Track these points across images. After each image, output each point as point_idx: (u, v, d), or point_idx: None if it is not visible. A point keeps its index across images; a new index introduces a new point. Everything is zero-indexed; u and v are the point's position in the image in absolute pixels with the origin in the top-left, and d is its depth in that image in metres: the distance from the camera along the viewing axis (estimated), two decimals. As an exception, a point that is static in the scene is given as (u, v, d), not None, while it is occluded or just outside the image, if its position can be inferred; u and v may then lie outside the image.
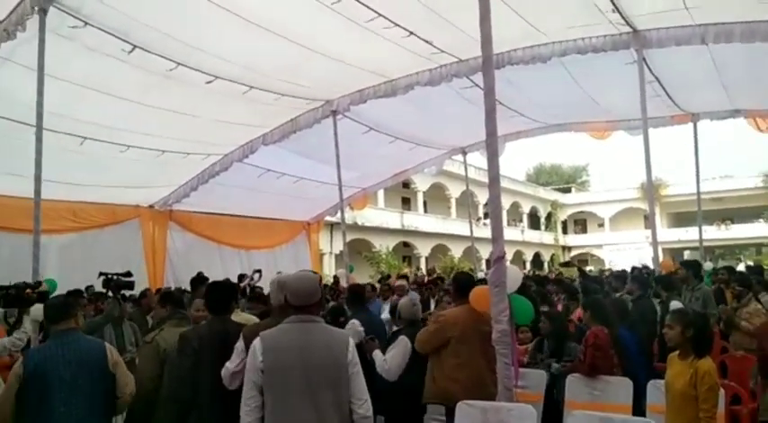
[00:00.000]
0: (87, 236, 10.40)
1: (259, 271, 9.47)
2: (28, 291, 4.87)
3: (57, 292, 5.44)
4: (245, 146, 10.34)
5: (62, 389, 3.31)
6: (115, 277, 5.62)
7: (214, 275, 7.10)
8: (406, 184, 30.68)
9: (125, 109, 7.85)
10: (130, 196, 11.02)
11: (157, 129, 8.71)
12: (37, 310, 4.65)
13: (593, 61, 8.06)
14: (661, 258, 8.94)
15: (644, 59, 7.90)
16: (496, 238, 3.74)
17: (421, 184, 31.72)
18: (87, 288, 7.88)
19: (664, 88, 9.59)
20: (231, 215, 13.03)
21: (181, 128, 8.87)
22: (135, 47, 6.57)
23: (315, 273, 3.58)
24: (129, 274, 5.83)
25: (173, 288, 8.38)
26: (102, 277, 5.67)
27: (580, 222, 49.78)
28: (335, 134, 9.67)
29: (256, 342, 2.91)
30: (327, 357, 2.91)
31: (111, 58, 6.64)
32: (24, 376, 3.29)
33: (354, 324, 4.75)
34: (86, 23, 6.05)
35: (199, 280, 6.93)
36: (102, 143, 8.52)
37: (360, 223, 25.37)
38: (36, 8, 5.57)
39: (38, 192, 6.03)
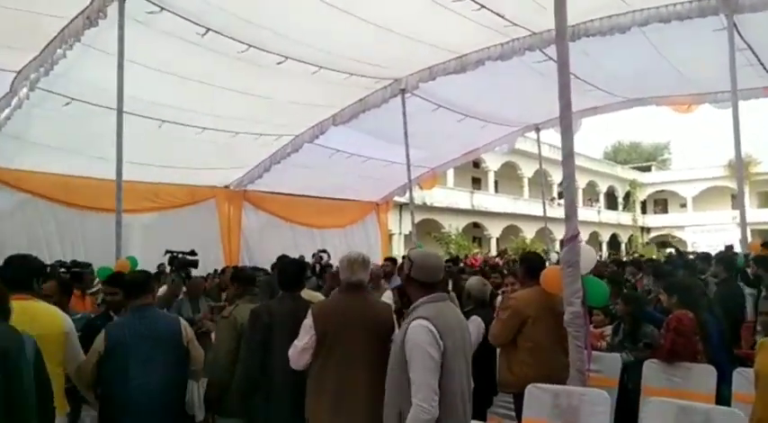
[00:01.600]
0: (167, 215, 10.86)
1: (324, 251, 9.58)
2: (62, 270, 5.02)
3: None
4: (316, 126, 10.44)
5: (139, 361, 3.49)
6: (180, 255, 5.79)
7: (288, 254, 7.24)
8: (476, 164, 30.21)
9: (200, 91, 8.08)
10: (207, 177, 11.40)
11: (231, 111, 8.93)
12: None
13: (678, 29, 7.56)
14: (750, 240, 8.38)
15: (734, 25, 7.35)
16: (570, 216, 3.59)
17: (492, 163, 31.15)
18: (159, 266, 8.20)
19: (757, 56, 8.91)
20: (303, 196, 13.26)
21: (253, 109, 9.05)
22: (208, 30, 6.72)
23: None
24: (193, 252, 5.99)
25: (248, 266, 8.64)
26: (168, 255, 5.86)
27: (660, 202, 47.55)
28: (404, 113, 9.60)
29: (430, 326, 2.68)
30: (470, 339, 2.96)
31: (185, 42, 6.83)
32: (106, 348, 3.49)
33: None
34: (162, 8, 6.24)
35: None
36: (178, 126, 8.83)
37: (429, 203, 25.25)
38: (115, -5, 5.78)
39: (119, 173, 6.32)
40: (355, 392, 3.24)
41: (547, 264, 5.56)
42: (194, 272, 6.26)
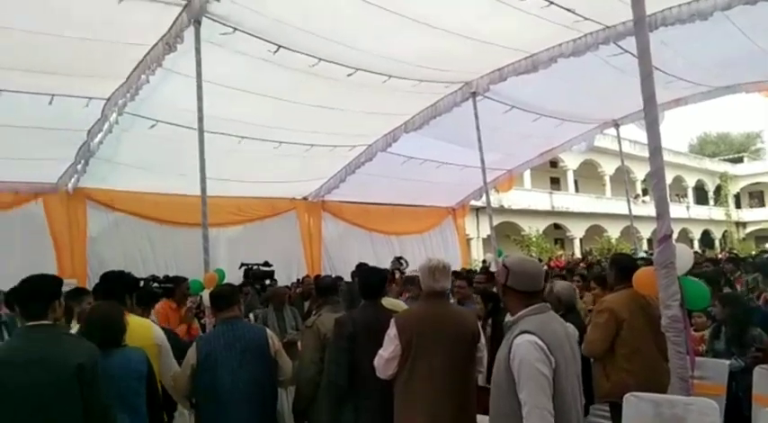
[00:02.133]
0: (250, 228, 11.22)
1: (401, 258, 9.57)
2: (155, 285, 5.18)
3: (226, 281, 5.87)
4: (388, 135, 10.48)
5: (229, 372, 3.59)
6: (254, 267, 5.93)
7: (367, 261, 7.28)
8: (553, 164, 29.42)
9: (275, 107, 8.29)
10: (286, 189, 11.68)
11: (305, 124, 9.10)
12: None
13: (766, 9, 7.04)
14: None
15: (835, 0, 6.77)
16: (661, 214, 3.38)
17: (570, 162, 30.23)
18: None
19: None
20: (379, 203, 13.34)
21: (327, 122, 9.19)
22: (279, 47, 6.87)
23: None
24: (267, 264, 6.10)
25: (330, 275, 8.78)
26: (244, 268, 6.01)
27: (756, 195, 44.51)
28: (476, 116, 9.45)
29: (538, 341, 2.47)
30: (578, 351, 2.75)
31: (258, 60, 7.02)
32: (198, 360, 3.61)
33: None
34: (235, 29, 6.44)
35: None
36: (256, 141, 9.10)
37: (506, 206, 24.79)
38: (192, 20, 6.02)
39: (203, 189, 6.55)
40: (442, 401, 3.19)
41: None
42: (280, 282, 6.42)
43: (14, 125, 7.12)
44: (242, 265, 6.12)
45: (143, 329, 3.62)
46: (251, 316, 6.17)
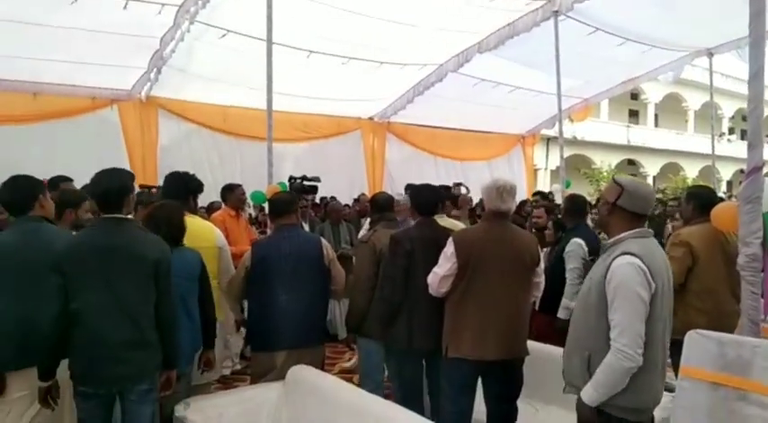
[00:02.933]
0: (316, 145, 11.28)
1: (461, 183, 9.39)
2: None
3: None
4: (460, 55, 10.06)
5: (283, 278, 3.65)
6: (298, 181, 5.93)
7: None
8: (634, 95, 27.84)
9: (345, 20, 8.05)
10: (352, 108, 11.56)
11: (376, 40, 8.84)
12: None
13: None
14: None
15: None
16: (754, 144, 3.09)
17: (653, 94, 28.47)
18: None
19: None
20: (446, 128, 13.06)
21: (398, 38, 8.88)
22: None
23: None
24: (316, 179, 6.08)
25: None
26: (291, 181, 6.04)
27: None
28: (556, 37, 8.89)
29: (641, 264, 2.36)
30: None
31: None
32: (252, 264, 3.69)
33: (578, 244, 4.44)
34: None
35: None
36: (326, 56, 8.94)
37: (579, 137, 23.84)
38: None
39: (270, 103, 6.54)
40: (495, 323, 3.15)
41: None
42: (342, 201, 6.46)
43: (91, 29, 7.22)
44: (290, 178, 6.15)
45: (205, 231, 3.73)
46: (305, 227, 6.28)
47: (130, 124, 9.31)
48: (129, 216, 3.00)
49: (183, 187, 3.82)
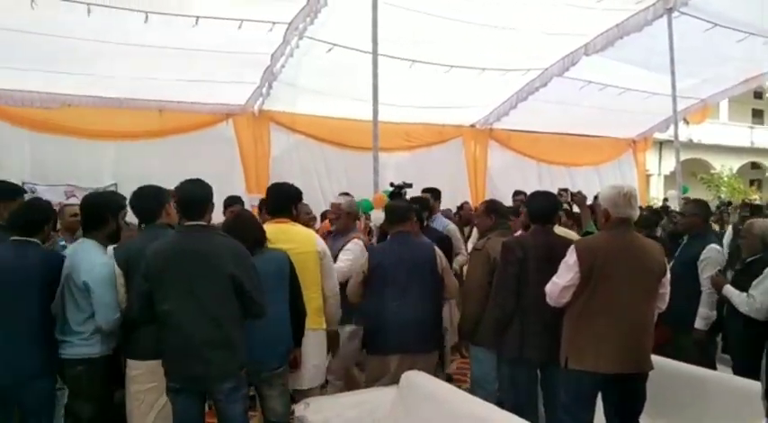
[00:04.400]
0: (418, 154, 11.35)
1: (566, 190, 9.10)
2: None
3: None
4: (566, 58, 9.79)
5: (398, 283, 3.73)
6: (395, 188, 5.96)
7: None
8: (758, 94, 25.76)
9: (448, 28, 8.08)
10: (454, 116, 11.54)
11: (478, 46, 8.80)
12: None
13: None
14: None
15: None
16: None
17: (779, 92, 26.28)
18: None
19: None
20: (551, 132, 12.72)
21: (500, 43, 8.79)
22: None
23: None
24: (408, 185, 6.12)
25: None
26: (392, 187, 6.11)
27: None
28: (670, 35, 8.43)
29: None
30: None
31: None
32: (369, 269, 3.79)
33: (716, 250, 4.20)
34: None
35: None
36: (427, 65, 9.01)
37: (695, 140, 22.43)
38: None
39: (375, 114, 6.71)
40: (621, 335, 3.04)
41: None
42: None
43: (209, 49, 7.71)
44: (391, 184, 6.29)
45: (307, 237, 3.90)
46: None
47: (244, 137, 9.83)
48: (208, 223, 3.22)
49: (285, 196, 4.01)
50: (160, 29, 7.20)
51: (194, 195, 3.11)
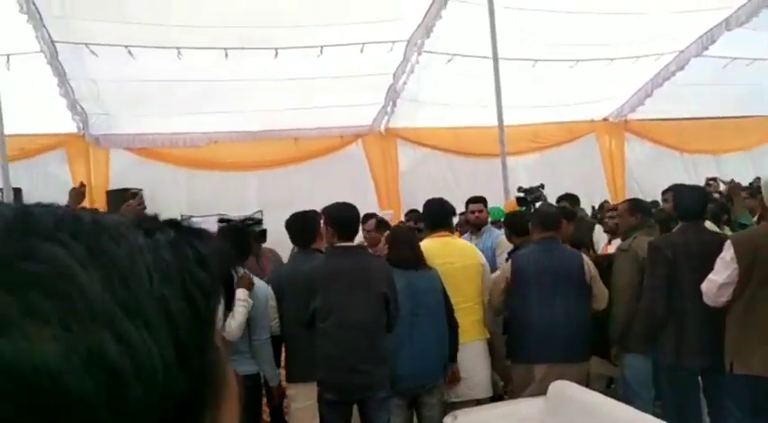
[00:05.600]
0: (548, 155, 11.01)
1: (715, 179, 8.36)
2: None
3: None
4: (704, 36, 9.04)
5: (540, 291, 3.64)
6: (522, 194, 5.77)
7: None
8: None
9: (570, 22, 7.83)
10: (584, 111, 11.08)
11: (603, 37, 8.41)
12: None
13: None
14: None
15: None
16: None
17: None
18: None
19: None
20: (694, 118, 11.76)
21: (627, 31, 8.35)
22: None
23: None
24: (538, 188, 5.90)
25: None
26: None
27: None
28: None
29: None
30: None
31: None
32: (511, 273, 3.76)
33: None
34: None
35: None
36: (550, 62, 8.76)
37: None
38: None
39: (500, 118, 6.64)
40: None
41: None
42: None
43: (335, 75, 8.08)
44: (519, 188, 6.11)
45: (470, 249, 4.02)
46: None
47: (373, 156, 10.14)
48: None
49: (443, 211, 4.12)
50: (289, 62, 7.69)
51: (348, 217, 3.32)
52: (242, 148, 9.49)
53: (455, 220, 5.49)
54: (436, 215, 4.08)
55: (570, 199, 6.32)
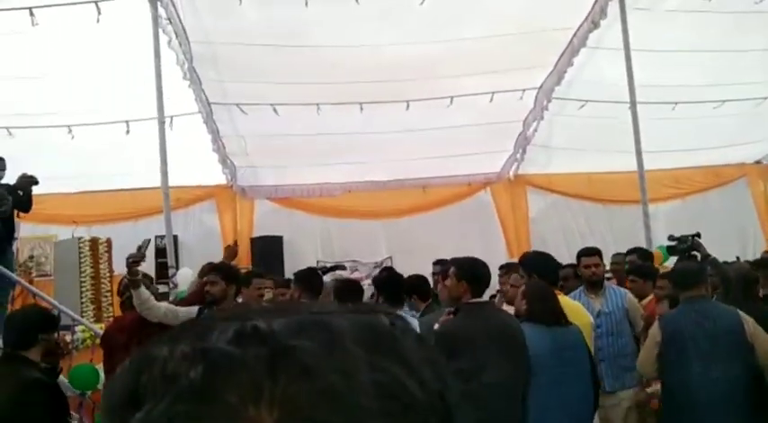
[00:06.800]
0: (690, 202, 10.30)
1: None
2: None
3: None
4: None
5: (698, 354, 3.35)
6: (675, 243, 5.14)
7: None
8: None
9: (711, 62, 7.42)
10: (733, 154, 10.28)
11: (750, 75, 7.85)
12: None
13: None
14: None
15: None
16: None
17: None
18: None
19: None
20: None
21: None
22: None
23: None
24: (694, 236, 5.20)
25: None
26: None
27: None
28: None
29: None
30: None
31: (686, 13, 6.39)
32: (663, 339, 3.49)
33: None
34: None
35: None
36: (692, 104, 8.29)
37: None
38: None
39: (640, 164, 6.37)
40: None
41: None
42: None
43: (465, 124, 8.21)
44: (669, 237, 5.35)
45: (581, 308, 3.81)
46: None
47: (502, 202, 10.07)
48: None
49: (551, 268, 3.95)
50: (419, 113, 7.93)
51: (486, 275, 3.28)
52: (373, 197, 9.84)
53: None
54: (543, 270, 3.81)
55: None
